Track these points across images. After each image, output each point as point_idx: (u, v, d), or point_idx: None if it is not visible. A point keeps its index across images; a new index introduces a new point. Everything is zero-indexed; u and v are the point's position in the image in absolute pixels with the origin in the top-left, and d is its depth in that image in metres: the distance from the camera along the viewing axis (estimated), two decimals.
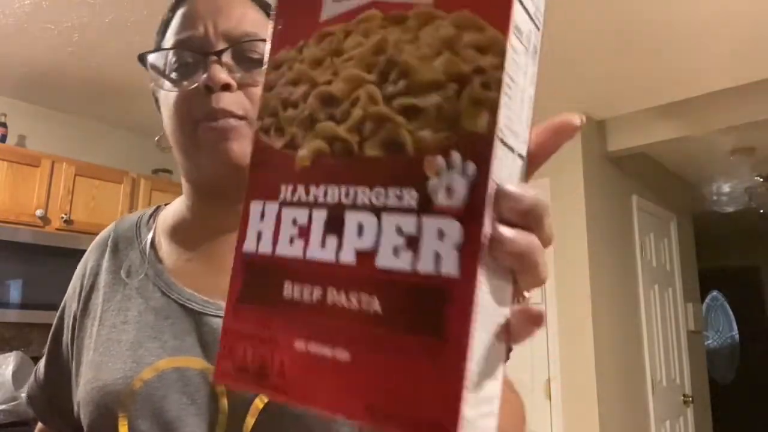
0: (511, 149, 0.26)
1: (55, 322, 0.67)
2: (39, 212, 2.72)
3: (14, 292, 2.58)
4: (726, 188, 4.65)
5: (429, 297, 0.25)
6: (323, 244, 0.28)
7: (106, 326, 0.58)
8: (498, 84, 0.25)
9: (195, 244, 0.62)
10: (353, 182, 0.28)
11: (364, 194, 0.27)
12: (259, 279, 0.30)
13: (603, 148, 3.21)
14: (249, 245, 0.31)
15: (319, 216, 0.28)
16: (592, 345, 2.81)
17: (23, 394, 0.57)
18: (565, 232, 2.99)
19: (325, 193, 0.28)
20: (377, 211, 0.27)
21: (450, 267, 0.24)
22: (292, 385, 0.27)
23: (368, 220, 0.27)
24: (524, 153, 0.28)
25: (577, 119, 0.28)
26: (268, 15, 0.62)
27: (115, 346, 0.56)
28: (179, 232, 0.64)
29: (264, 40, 0.56)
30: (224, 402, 0.52)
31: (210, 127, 0.55)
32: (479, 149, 0.25)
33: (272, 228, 0.30)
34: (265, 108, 0.32)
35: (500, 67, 0.25)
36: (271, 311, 0.29)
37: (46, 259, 2.66)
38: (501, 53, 0.25)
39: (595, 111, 3.11)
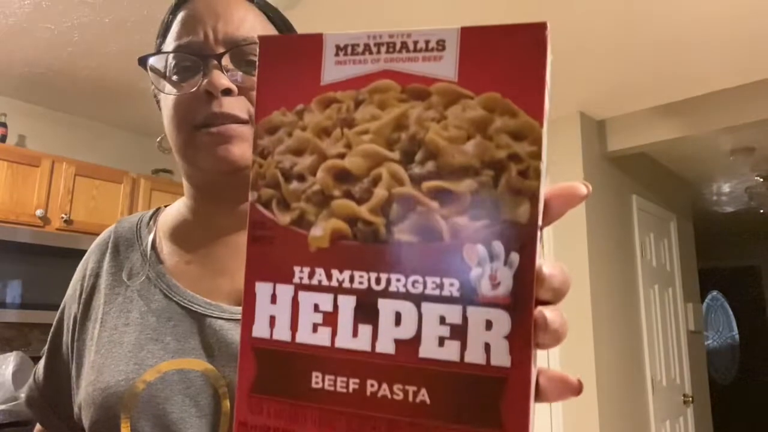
0: (540, 228, 0.26)
1: (54, 324, 0.67)
2: (39, 212, 2.72)
3: (14, 292, 2.58)
4: (726, 188, 4.65)
5: (481, 387, 0.25)
6: (355, 332, 0.27)
7: (107, 328, 0.58)
8: (537, 173, 0.25)
9: (195, 245, 0.61)
10: (385, 269, 0.27)
11: (399, 282, 0.26)
12: (278, 368, 0.28)
13: (603, 148, 3.21)
14: (260, 330, 0.29)
15: (347, 303, 0.27)
16: (592, 345, 2.81)
17: (23, 395, 0.56)
18: (565, 232, 2.99)
19: (352, 279, 0.27)
20: (416, 299, 0.26)
21: (501, 357, 0.25)
22: None
23: (406, 308, 0.26)
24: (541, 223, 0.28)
25: (583, 188, 0.28)
26: (268, 17, 0.62)
27: (117, 348, 0.56)
28: (180, 234, 0.63)
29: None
30: (227, 403, 0.52)
31: (209, 133, 0.55)
32: (522, 240, 0.25)
33: (289, 313, 0.28)
34: (260, 176, 0.29)
35: (538, 156, 0.25)
36: (297, 403, 0.28)
37: (46, 259, 2.66)
38: (537, 141, 0.25)
39: (595, 111, 3.11)
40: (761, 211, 4.86)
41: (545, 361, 2.94)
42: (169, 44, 0.59)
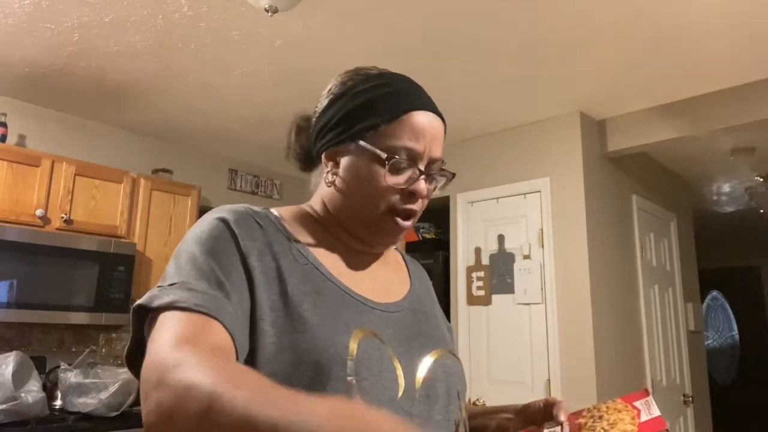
0: None
1: (210, 272, 0.66)
2: (39, 212, 2.72)
3: (14, 291, 2.58)
4: (726, 188, 4.65)
5: None
6: None
7: (297, 294, 0.70)
8: None
9: (335, 257, 0.79)
10: None
11: None
12: None
13: (603, 148, 3.21)
14: None
15: None
16: (592, 345, 2.81)
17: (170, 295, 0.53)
18: (565, 232, 2.99)
19: None
20: None
21: None
22: None
23: None
24: None
25: None
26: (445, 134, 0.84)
27: (314, 316, 0.68)
28: (318, 244, 0.79)
29: (444, 167, 0.81)
30: (398, 365, 0.70)
31: (400, 222, 0.77)
32: None
33: None
34: None
35: None
36: None
37: (46, 259, 2.66)
38: None
39: (595, 111, 3.12)
40: (761, 211, 4.86)
41: (545, 362, 2.94)
42: (391, 136, 0.76)
